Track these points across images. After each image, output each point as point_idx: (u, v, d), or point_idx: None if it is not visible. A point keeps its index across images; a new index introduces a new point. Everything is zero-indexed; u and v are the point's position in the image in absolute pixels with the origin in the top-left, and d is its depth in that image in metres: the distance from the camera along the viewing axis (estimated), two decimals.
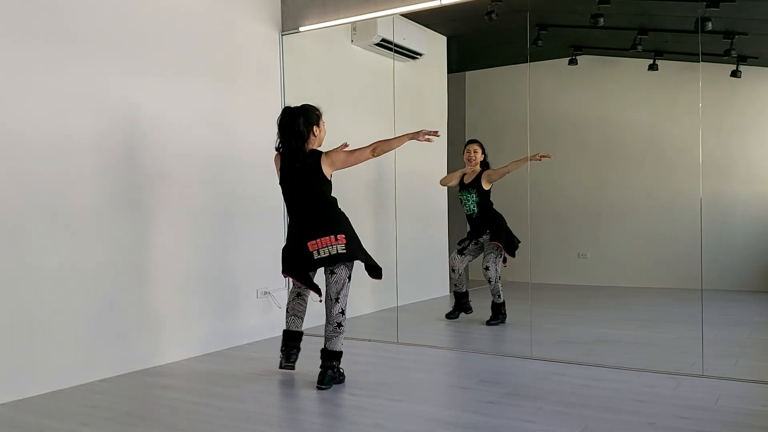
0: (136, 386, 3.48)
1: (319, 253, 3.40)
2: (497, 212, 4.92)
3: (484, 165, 4.99)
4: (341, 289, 3.48)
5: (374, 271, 3.55)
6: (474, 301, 5.08)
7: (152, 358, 3.90)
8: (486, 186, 4.91)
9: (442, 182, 5.15)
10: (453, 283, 5.05)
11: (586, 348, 4.14)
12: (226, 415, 2.95)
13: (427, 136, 3.68)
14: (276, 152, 3.55)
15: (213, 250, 4.30)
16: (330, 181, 3.52)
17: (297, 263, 3.47)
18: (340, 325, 3.48)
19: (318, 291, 3.49)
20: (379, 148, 3.56)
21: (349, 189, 5.32)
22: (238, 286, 4.49)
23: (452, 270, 5.01)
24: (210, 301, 4.27)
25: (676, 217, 4.90)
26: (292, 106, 3.53)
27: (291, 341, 3.67)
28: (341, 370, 3.51)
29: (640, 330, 4.66)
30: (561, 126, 5.41)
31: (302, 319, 3.70)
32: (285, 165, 3.49)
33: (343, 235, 3.42)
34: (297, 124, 3.44)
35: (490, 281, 4.83)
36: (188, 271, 4.13)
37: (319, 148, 3.53)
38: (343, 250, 3.40)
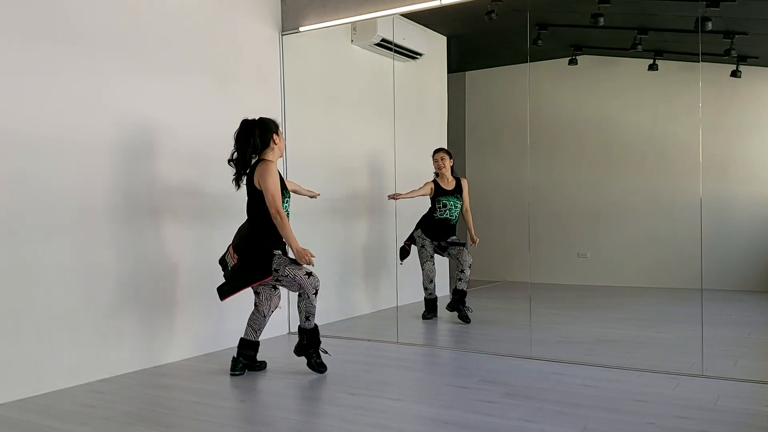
0: (136, 386, 3.48)
1: (225, 255, 3.72)
2: None
3: (452, 170, 5.13)
4: (278, 290, 3.76)
5: (220, 291, 3.66)
6: (475, 301, 5.08)
7: (152, 358, 3.90)
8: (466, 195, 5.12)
9: (407, 197, 4.99)
10: (429, 293, 5.12)
11: (586, 348, 4.14)
12: (225, 415, 2.95)
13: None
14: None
15: (212, 250, 4.30)
16: (259, 192, 3.56)
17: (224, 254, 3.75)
18: (308, 318, 3.65)
19: (221, 295, 3.65)
20: (278, 220, 3.54)
21: (349, 189, 5.34)
22: None
23: (430, 281, 5.10)
24: (209, 302, 4.26)
25: (676, 217, 4.90)
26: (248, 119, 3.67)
27: (243, 349, 3.74)
28: (320, 354, 3.70)
29: (640, 330, 4.65)
30: (561, 126, 5.41)
31: (255, 330, 3.75)
32: (238, 173, 3.63)
33: (237, 256, 3.61)
34: (251, 135, 3.58)
35: (464, 271, 4.98)
36: (188, 271, 4.13)
37: (275, 158, 3.66)
38: (232, 266, 3.62)
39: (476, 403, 3.04)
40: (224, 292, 3.62)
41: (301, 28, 4.85)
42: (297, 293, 3.62)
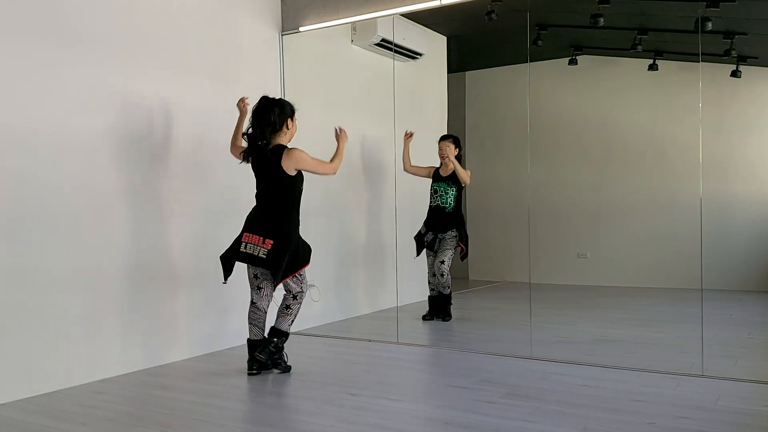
0: (136, 386, 3.48)
1: (245, 248, 3.53)
2: (463, 212, 5.06)
3: (459, 159, 5.02)
4: (278, 285, 3.60)
5: (275, 273, 3.56)
6: (475, 301, 5.08)
7: (152, 358, 3.90)
8: (464, 183, 4.98)
9: (410, 170, 5.07)
10: (432, 288, 5.07)
11: (586, 348, 4.14)
12: (225, 415, 2.95)
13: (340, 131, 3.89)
14: (233, 144, 3.70)
15: (213, 250, 4.30)
16: (292, 178, 3.54)
17: (230, 250, 3.60)
18: (288, 307, 3.62)
19: (225, 279, 3.61)
20: (336, 164, 3.72)
21: (349, 189, 5.34)
22: (238, 287, 4.48)
23: (433, 275, 5.04)
24: (210, 302, 4.27)
25: (676, 217, 4.90)
26: (269, 97, 3.59)
27: (252, 350, 3.71)
28: (285, 357, 3.66)
29: (640, 330, 4.66)
30: (561, 126, 5.41)
31: (261, 328, 3.72)
32: (250, 150, 3.55)
33: (272, 241, 3.46)
34: (270, 113, 3.49)
35: (443, 275, 4.91)
36: (187, 271, 4.13)
37: (288, 144, 3.59)
38: (263, 255, 3.48)
39: (476, 404, 3.04)
40: (284, 273, 3.50)
41: (301, 28, 4.85)
42: (292, 295, 3.61)
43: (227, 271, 3.66)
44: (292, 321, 3.65)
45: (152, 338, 3.90)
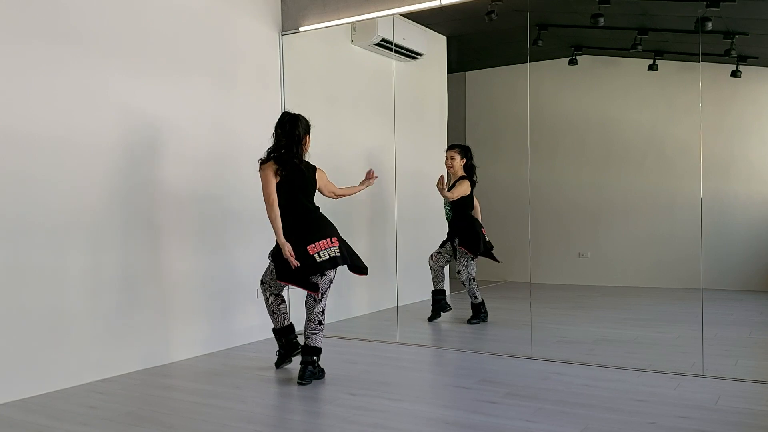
0: (136, 386, 3.48)
1: (320, 256, 3.45)
2: (473, 217, 4.98)
3: (469, 169, 4.97)
4: (327, 290, 3.55)
5: (359, 270, 3.60)
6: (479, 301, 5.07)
7: (152, 358, 3.90)
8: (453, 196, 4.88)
9: (448, 196, 4.94)
10: (433, 281, 5.09)
11: (587, 348, 4.14)
12: (226, 415, 2.95)
13: (372, 178, 4.04)
14: (262, 162, 3.51)
15: (213, 251, 4.30)
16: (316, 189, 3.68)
17: (298, 269, 3.44)
18: (320, 323, 3.55)
19: (316, 290, 3.50)
20: (342, 194, 3.93)
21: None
22: (238, 287, 4.49)
23: (430, 267, 5.08)
24: (210, 302, 4.27)
25: (676, 217, 4.90)
26: (291, 112, 3.61)
27: (285, 335, 3.73)
28: (320, 366, 3.58)
29: (641, 330, 4.66)
30: (561, 126, 5.41)
31: (286, 313, 3.76)
32: (285, 167, 3.47)
33: (336, 238, 3.53)
34: (297, 128, 3.52)
35: (463, 284, 4.95)
36: (188, 271, 4.13)
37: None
38: (337, 253, 3.48)
39: (477, 403, 3.04)
40: (362, 269, 3.58)
41: (301, 28, 4.85)
42: (321, 310, 3.53)
43: (309, 286, 3.50)
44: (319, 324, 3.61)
45: (152, 338, 3.90)
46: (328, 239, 3.49)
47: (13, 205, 3.24)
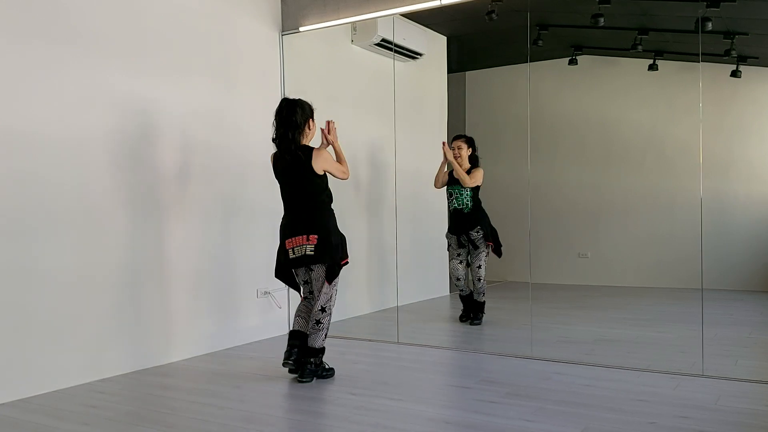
0: (137, 386, 3.48)
1: (293, 252, 3.47)
2: (484, 209, 4.97)
3: (474, 160, 4.97)
4: (321, 288, 3.51)
5: (332, 276, 3.52)
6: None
7: (153, 358, 3.90)
8: (465, 185, 4.91)
9: (437, 186, 5.06)
10: (459, 289, 5.06)
11: (587, 348, 4.14)
12: (226, 415, 2.95)
13: (327, 128, 3.68)
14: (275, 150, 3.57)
15: (213, 250, 4.30)
16: (322, 177, 3.53)
17: (280, 264, 3.54)
18: (318, 322, 3.51)
19: (297, 289, 3.56)
20: (347, 168, 3.73)
21: (349, 189, 5.33)
22: (239, 286, 4.49)
23: (457, 279, 5.02)
24: (210, 302, 4.27)
25: (676, 217, 4.90)
26: (290, 97, 3.57)
27: (292, 339, 3.70)
28: (326, 365, 3.58)
29: (641, 330, 4.66)
30: (561, 126, 5.41)
31: (306, 320, 3.67)
32: (278, 156, 3.50)
33: (316, 236, 3.43)
34: (295, 114, 3.46)
35: (479, 279, 4.89)
36: (188, 271, 4.13)
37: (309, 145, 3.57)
38: (311, 251, 3.43)
39: (477, 403, 3.04)
40: (333, 261, 3.47)
41: (301, 28, 4.85)
42: (320, 308, 3.49)
43: (294, 285, 3.61)
44: (326, 335, 3.56)
45: (152, 338, 3.90)
46: (305, 236, 3.43)
47: (13, 205, 3.24)
